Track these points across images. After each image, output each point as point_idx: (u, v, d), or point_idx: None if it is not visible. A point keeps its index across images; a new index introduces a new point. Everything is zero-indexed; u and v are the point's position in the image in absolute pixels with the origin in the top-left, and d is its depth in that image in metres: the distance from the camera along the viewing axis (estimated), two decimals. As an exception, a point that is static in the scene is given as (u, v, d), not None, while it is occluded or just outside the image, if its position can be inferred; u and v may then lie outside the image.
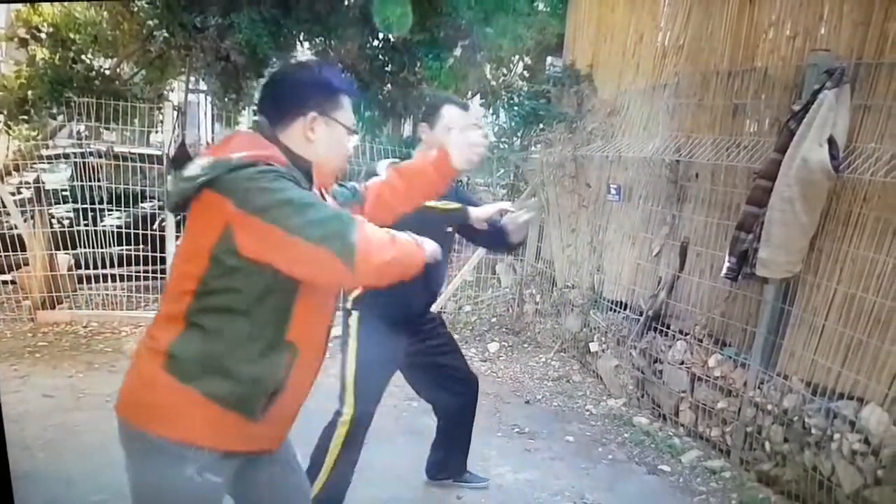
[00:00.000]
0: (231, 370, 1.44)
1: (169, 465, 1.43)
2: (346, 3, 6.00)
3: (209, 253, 1.40)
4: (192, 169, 1.42)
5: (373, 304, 2.58)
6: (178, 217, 5.01)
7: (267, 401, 1.47)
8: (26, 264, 5.24)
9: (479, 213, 2.57)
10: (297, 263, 1.38)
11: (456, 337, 3.24)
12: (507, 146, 6.00)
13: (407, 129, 7.65)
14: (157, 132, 7.18)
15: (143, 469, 1.48)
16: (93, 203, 5.28)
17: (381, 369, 2.67)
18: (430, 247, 1.54)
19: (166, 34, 6.00)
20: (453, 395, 2.91)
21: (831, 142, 2.86)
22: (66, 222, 5.50)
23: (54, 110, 5.80)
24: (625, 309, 4.45)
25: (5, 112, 5.63)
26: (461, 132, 1.82)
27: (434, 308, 2.95)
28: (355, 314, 2.61)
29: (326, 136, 1.55)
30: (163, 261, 5.43)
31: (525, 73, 7.12)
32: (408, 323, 2.69)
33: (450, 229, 2.68)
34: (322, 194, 1.63)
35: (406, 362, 2.77)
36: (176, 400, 1.42)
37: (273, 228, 1.34)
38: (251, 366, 1.44)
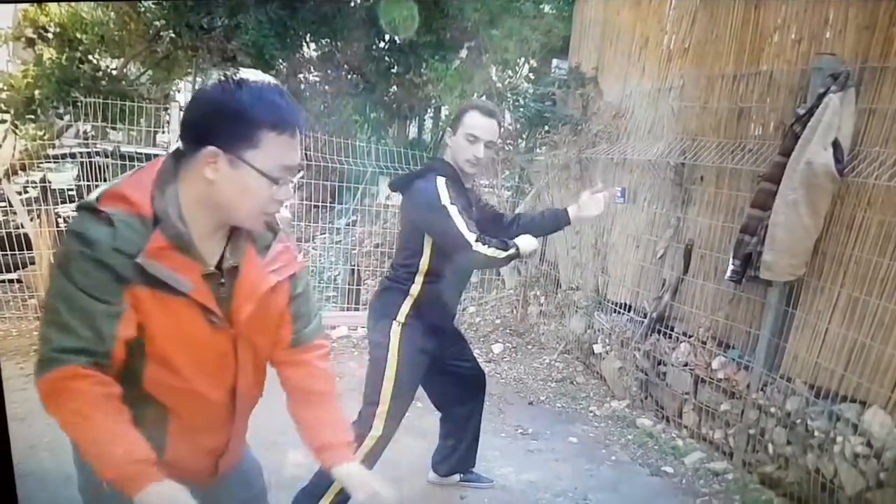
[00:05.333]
0: None
1: (89, 475, 1.39)
2: (352, 4, 6.03)
3: None
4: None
5: (419, 314, 2.55)
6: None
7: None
8: (32, 263, 5.26)
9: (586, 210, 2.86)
10: None
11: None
12: (511, 148, 6.00)
13: (412, 131, 7.66)
14: (163, 132, 7.21)
15: (80, 482, 1.49)
16: (99, 202, 5.28)
17: (415, 385, 2.64)
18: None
19: (173, 35, 6.04)
20: (464, 390, 2.91)
21: (836, 145, 2.87)
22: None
23: (61, 110, 5.85)
24: (629, 311, 4.45)
25: (12, 111, 5.67)
26: None
27: None
28: (396, 326, 2.54)
29: (232, 180, 1.23)
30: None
31: (530, 75, 7.10)
32: (445, 331, 2.69)
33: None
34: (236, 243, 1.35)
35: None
36: None
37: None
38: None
